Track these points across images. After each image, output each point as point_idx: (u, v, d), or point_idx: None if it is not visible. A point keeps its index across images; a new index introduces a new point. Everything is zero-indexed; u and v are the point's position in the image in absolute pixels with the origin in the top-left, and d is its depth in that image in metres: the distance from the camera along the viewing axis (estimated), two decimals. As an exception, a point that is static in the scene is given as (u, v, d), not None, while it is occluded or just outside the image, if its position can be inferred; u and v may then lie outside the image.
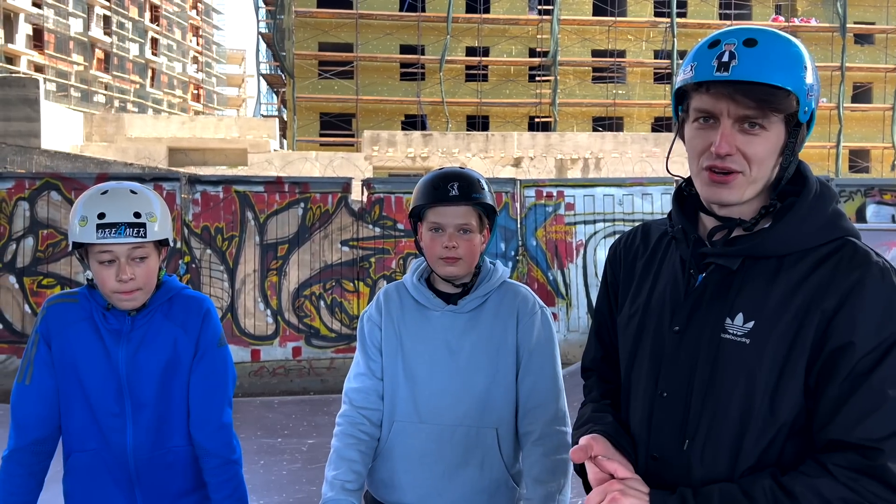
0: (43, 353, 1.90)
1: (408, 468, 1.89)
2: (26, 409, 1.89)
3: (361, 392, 1.96)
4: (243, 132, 27.10)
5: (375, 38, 32.28)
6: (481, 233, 1.93)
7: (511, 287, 1.99)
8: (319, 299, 8.40)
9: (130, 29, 55.35)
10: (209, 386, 1.99)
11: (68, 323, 1.90)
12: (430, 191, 1.89)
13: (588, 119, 33.89)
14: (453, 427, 1.87)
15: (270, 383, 8.12)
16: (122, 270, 1.82)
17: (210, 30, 74.43)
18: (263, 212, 8.31)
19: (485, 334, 1.91)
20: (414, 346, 1.93)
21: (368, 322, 2.01)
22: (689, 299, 1.30)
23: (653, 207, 9.06)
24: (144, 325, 1.93)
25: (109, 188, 1.86)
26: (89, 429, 1.91)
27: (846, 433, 1.14)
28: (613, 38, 32.90)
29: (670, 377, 1.30)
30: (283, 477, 5.23)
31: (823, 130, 33.31)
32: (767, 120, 1.20)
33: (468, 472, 1.86)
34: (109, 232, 1.78)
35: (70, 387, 1.90)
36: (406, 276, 2.04)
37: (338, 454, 1.91)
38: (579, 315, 8.86)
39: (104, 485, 1.93)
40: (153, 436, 1.94)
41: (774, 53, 1.20)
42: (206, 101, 70.57)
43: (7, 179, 8.04)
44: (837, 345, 1.16)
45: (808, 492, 1.12)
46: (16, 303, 7.92)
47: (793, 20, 34.15)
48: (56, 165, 14.13)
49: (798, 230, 1.24)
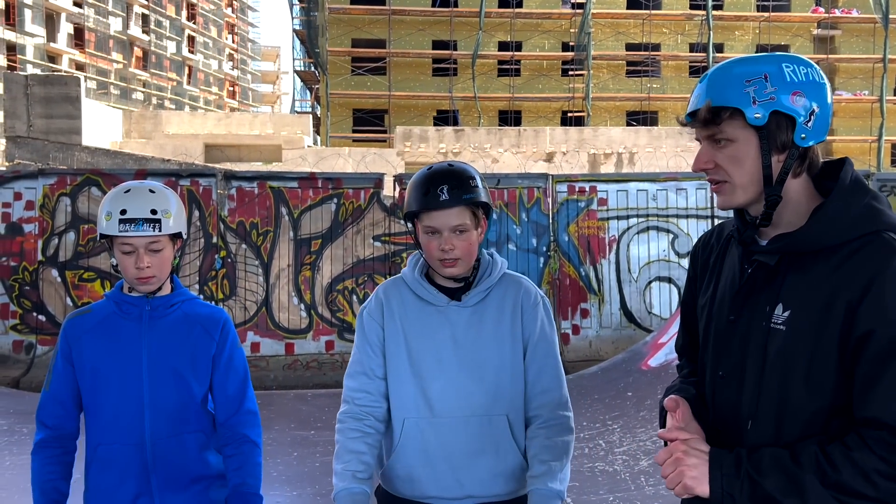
0: (60, 365, 2.13)
1: (426, 462, 1.91)
2: (46, 411, 2.14)
3: (362, 392, 1.98)
4: (278, 129, 27.38)
5: (408, 33, 32.34)
6: (477, 228, 1.93)
7: (512, 279, 2.02)
8: (352, 294, 8.48)
9: (168, 27, 56.21)
10: (235, 382, 2.20)
11: (84, 331, 2.13)
12: (420, 197, 1.89)
13: (622, 113, 33.57)
14: (466, 418, 1.91)
15: (304, 376, 8.22)
16: (139, 259, 2.05)
17: (245, 27, 75.24)
18: (297, 207, 8.40)
19: (489, 327, 1.94)
20: (419, 342, 1.95)
21: (368, 319, 2.02)
22: (740, 292, 1.48)
23: (687, 203, 8.96)
24: (169, 315, 2.15)
25: (132, 187, 2.10)
26: (111, 421, 2.09)
27: (878, 412, 1.26)
28: (648, 32, 32.51)
29: (726, 361, 1.48)
30: (315, 469, 5.29)
31: (865, 124, 32.55)
32: (725, 133, 1.40)
33: (485, 459, 1.91)
34: (129, 226, 2.03)
35: (96, 386, 2.10)
36: (405, 271, 2.04)
37: (344, 447, 1.92)
38: (612, 311, 8.80)
39: (124, 476, 2.09)
40: (169, 423, 2.11)
41: (714, 80, 1.42)
42: (241, 97, 71.40)
43: (49, 176, 8.25)
44: (862, 332, 1.28)
45: (847, 461, 1.25)
46: (58, 296, 8.12)
47: (833, 11, 33.39)
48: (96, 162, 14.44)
49: (829, 226, 1.37)
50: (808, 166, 1.43)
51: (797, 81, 1.37)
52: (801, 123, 1.38)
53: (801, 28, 33.99)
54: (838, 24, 34.01)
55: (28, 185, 8.17)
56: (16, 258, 8.09)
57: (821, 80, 1.41)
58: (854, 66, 33.71)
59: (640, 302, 8.85)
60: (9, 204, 8.12)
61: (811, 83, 1.38)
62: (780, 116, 1.38)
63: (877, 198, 1.40)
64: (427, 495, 1.92)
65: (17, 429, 6.16)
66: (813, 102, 1.38)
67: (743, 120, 1.38)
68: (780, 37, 33.61)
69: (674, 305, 8.80)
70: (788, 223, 1.43)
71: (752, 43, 33.59)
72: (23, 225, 8.11)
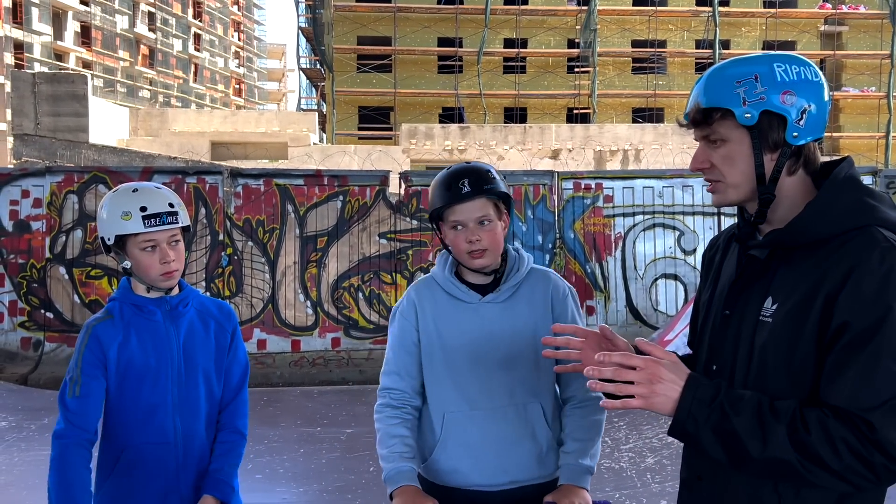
0: (90, 370, 2.09)
1: (468, 453, 2.00)
2: (76, 415, 2.09)
3: (397, 389, 2.06)
4: (283, 126, 27.43)
5: (413, 31, 32.33)
6: (500, 220, 2.01)
7: (540, 273, 2.11)
8: (358, 291, 8.49)
9: (174, 25, 56.31)
10: (238, 373, 2.27)
11: (116, 333, 2.13)
12: (443, 192, 1.98)
13: (628, 110, 33.49)
14: (504, 408, 2.00)
15: (310, 373, 8.24)
16: (165, 254, 2.07)
17: (251, 25, 75.32)
18: (303, 205, 8.42)
19: (521, 320, 2.02)
20: (453, 339, 2.02)
21: (402, 319, 2.09)
22: (734, 287, 1.51)
23: (693, 200, 8.94)
24: (188, 313, 2.20)
25: (138, 187, 2.12)
26: (143, 422, 2.12)
27: (843, 401, 1.28)
28: (654, 28, 32.41)
29: (719, 354, 1.51)
30: (322, 465, 5.31)
31: (872, 120, 32.40)
32: (718, 133, 1.44)
33: (524, 445, 2.01)
34: (155, 221, 2.05)
35: (129, 388, 2.12)
36: (435, 270, 2.11)
37: (386, 433, 2.00)
38: (618, 308, 8.80)
39: (152, 476, 2.11)
40: (194, 418, 2.16)
41: (708, 81, 1.45)
42: (247, 95, 71.49)
43: (57, 173, 8.29)
44: (837, 323, 1.31)
45: (820, 426, 1.28)
46: (66, 293, 8.16)
47: (840, 7, 33.21)
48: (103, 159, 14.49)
49: (815, 220, 1.39)
50: (805, 164, 1.45)
51: (788, 81, 1.39)
52: (792, 122, 1.40)
53: (808, 24, 33.83)
54: (845, 20, 33.83)
55: (35, 182, 8.20)
56: (23, 255, 8.13)
57: (814, 78, 1.42)
58: (861, 63, 33.54)
59: (646, 299, 8.84)
60: (16, 201, 8.16)
61: (803, 82, 1.40)
62: (771, 116, 1.40)
63: (871, 194, 1.41)
64: (472, 483, 2.01)
65: (26, 425, 6.19)
66: (805, 101, 1.39)
67: (735, 120, 1.41)
68: (787, 33, 33.46)
69: (680, 302, 8.79)
70: (784, 220, 1.45)
71: (759, 39, 33.47)
72: (30, 222, 8.15)
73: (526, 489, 2.00)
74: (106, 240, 2.11)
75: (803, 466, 1.28)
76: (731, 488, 1.46)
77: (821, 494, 1.36)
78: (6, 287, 8.11)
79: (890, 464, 1.26)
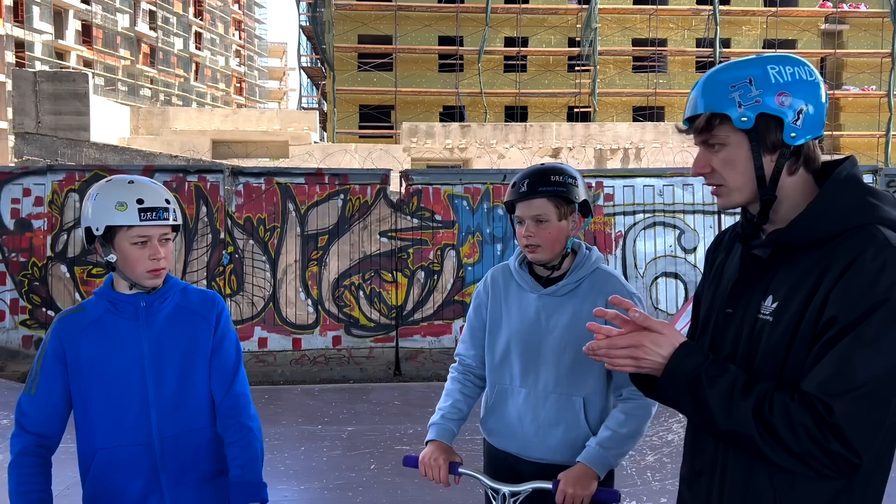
0: (50, 366, 2.01)
1: (509, 422, 2.25)
2: (30, 417, 2.01)
3: (466, 357, 2.37)
4: (284, 125, 27.42)
5: (414, 29, 32.31)
6: (564, 219, 2.17)
7: (606, 274, 2.25)
8: (359, 289, 8.50)
9: (175, 24, 56.29)
10: (227, 362, 2.13)
11: (79, 329, 2.03)
12: (510, 189, 2.21)
13: (628, 109, 33.46)
14: (546, 394, 2.19)
15: (311, 371, 8.25)
16: (156, 250, 2.00)
17: (252, 24, 75.27)
18: (304, 203, 8.43)
19: (576, 315, 2.17)
20: (514, 322, 2.25)
21: (475, 300, 2.37)
22: (736, 286, 1.53)
23: (694, 198, 8.94)
24: (164, 309, 2.08)
25: (134, 179, 2.04)
26: (114, 423, 2.01)
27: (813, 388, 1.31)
28: (654, 27, 32.38)
29: (719, 350, 1.53)
30: (322, 463, 5.32)
31: (873, 119, 32.37)
32: (717, 138, 1.45)
33: (557, 432, 2.19)
34: (151, 215, 1.97)
35: (91, 388, 2.01)
36: (510, 259, 2.35)
37: (448, 393, 2.33)
38: (618, 307, 8.80)
39: (130, 478, 2.00)
40: (175, 417, 2.04)
41: (703, 87, 1.46)
42: (248, 94, 71.45)
43: (58, 172, 8.30)
44: (825, 319, 1.34)
45: (783, 409, 1.31)
46: (67, 291, 8.18)
47: (841, 5, 33.16)
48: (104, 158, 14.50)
49: (816, 219, 1.40)
50: (806, 163, 1.45)
51: (782, 82, 1.40)
52: (788, 123, 1.40)
53: (808, 23, 33.78)
54: (846, 18, 33.78)
55: (37, 181, 8.21)
56: (25, 254, 8.14)
57: (810, 77, 1.42)
58: (862, 61, 33.49)
59: (647, 298, 8.85)
60: (18, 200, 8.17)
61: (798, 82, 1.41)
62: (767, 118, 1.41)
63: (873, 193, 1.41)
64: (508, 450, 2.27)
65: (28, 423, 6.21)
66: (801, 101, 1.40)
67: (732, 124, 1.42)
68: (788, 32, 33.42)
69: (680, 301, 8.80)
70: (786, 219, 1.46)
71: (759, 38, 33.44)
72: (32, 221, 8.16)
73: (555, 469, 2.15)
74: (94, 230, 1.98)
75: (766, 443, 1.32)
76: (729, 483, 1.47)
77: (815, 489, 1.37)
78: (8, 285, 8.13)
79: (847, 453, 1.27)
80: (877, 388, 1.27)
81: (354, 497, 4.66)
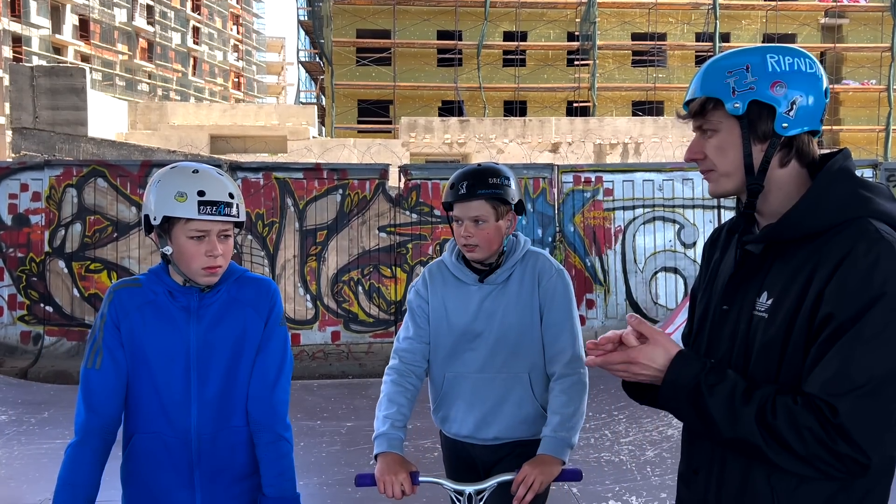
0: (112, 336, 1.93)
1: (460, 407, 2.34)
2: (99, 395, 1.92)
3: (409, 352, 2.37)
4: (283, 120, 27.36)
5: (413, 24, 32.24)
6: (501, 219, 2.24)
7: (532, 255, 2.36)
8: (358, 285, 8.49)
9: (172, 18, 56.15)
10: (271, 363, 2.03)
11: (135, 307, 1.95)
12: (449, 190, 2.27)
13: (627, 103, 33.43)
14: (493, 375, 2.30)
15: (310, 367, 8.24)
16: (214, 246, 1.89)
17: (250, 18, 75.11)
18: (303, 198, 8.41)
19: (513, 299, 2.30)
20: (456, 315, 2.34)
21: (416, 296, 2.42)
22: (731, 282, 1.51)
23: (693, 193, 8.93)
24: (215, 302, 1.98)
25: (199, 168, 1.93)
26: (154, 410, 1.95)
27: (817, 389, 1.28)
28: (654, 21, 32.32)
29: (716, 348, 1.51)
30: (322, 459, 5.32)
31: (872, 113, 32.35)
32: (710, 123, 1.45)
33: (507, 409, 2.30)
34: (211, 209, 1.87)
35: (137, 369, 1.95)
36: (444, 255, 2.43)
37: (388, 398, 2.30)
38: (618, 302, 8.79)
39: (163, 467, 1.96)
40: (216, 415, 1.97)
41: (703, 72, 1.46)
42: (246, 89, 71.34)
43: (55, 167, 8.27)
44: (821, 316, 1.31)
45: (787, 413, 1.29)
46: (65, 287, 8.16)
47: (841, 0, 33.12)
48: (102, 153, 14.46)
49: (807, 213, 1.38)
50: (799, 156, 1.43)
51: (779, 71, 1.39)
52: (781, 113, 1.38)
53: (808, 17, 33.75)
54: (846, 12, 33.75)
55: (34, 176, 8.18)
56: (23, 249, 8.12)
57: (809, 69, 1.40)
58: (861, 56, 33.47)
59: (646, 292, 8.84)
60: (15, 195, 8.14)
61: (796, 73, 1.39)
62: (760, 106, 1.39)
63: (866, 186, 1.39)
64: (462, 435, 2.36)
65: (26, 419, 6.20)
66: (797, 92, 1.38)
67: (725, 110, 1.42)
68: (788, 26, 33.38)
69: (680, 296, 8.79)
70: (778, 214, 1.43)
71: (759, 32, 33.39)
72: (29, 216, 8.13)
73: (508, 445, 2.31)
74: (151, 219, 1.88)
75: (771, 449, 1.30)
76: (727, 481, 1.46)
77: (813, 488, 1.35)
78: (5, 281, 8.11)
79: (855, 453, 1.24)
80: (881, 386, 1.25)
81: (353, 492, 4.65)
